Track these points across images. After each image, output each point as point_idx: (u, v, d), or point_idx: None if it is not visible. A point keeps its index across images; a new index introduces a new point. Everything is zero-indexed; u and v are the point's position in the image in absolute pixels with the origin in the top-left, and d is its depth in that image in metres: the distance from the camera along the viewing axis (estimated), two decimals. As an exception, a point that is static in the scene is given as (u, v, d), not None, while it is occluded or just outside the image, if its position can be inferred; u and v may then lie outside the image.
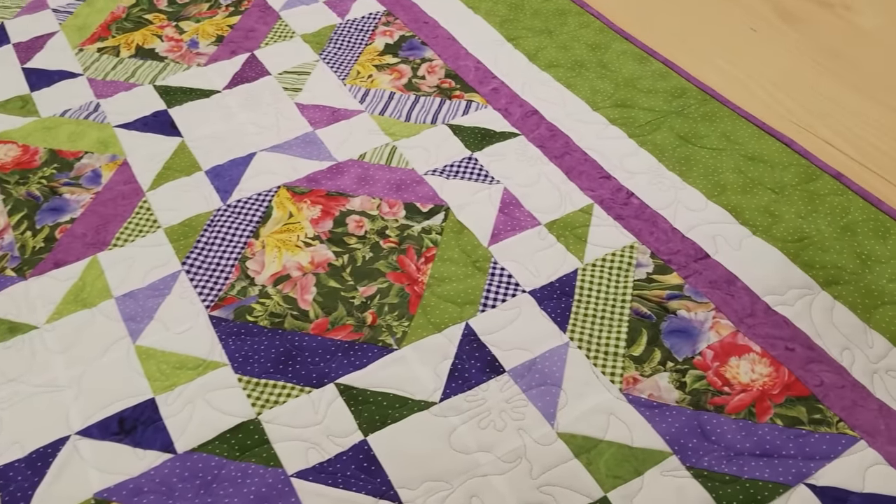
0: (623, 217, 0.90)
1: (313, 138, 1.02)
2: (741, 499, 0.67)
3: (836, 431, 0.71)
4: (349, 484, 0.69)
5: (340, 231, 0.90)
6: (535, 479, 0.69)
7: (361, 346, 0.79)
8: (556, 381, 0.76)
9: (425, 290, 0.84)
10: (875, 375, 0.75)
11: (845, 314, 0.80)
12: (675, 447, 0.70)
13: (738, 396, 0.74)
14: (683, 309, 0.81)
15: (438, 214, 0.92)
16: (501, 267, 0.86)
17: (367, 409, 0.74)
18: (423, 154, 0.99)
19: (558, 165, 0.97)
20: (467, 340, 0.79)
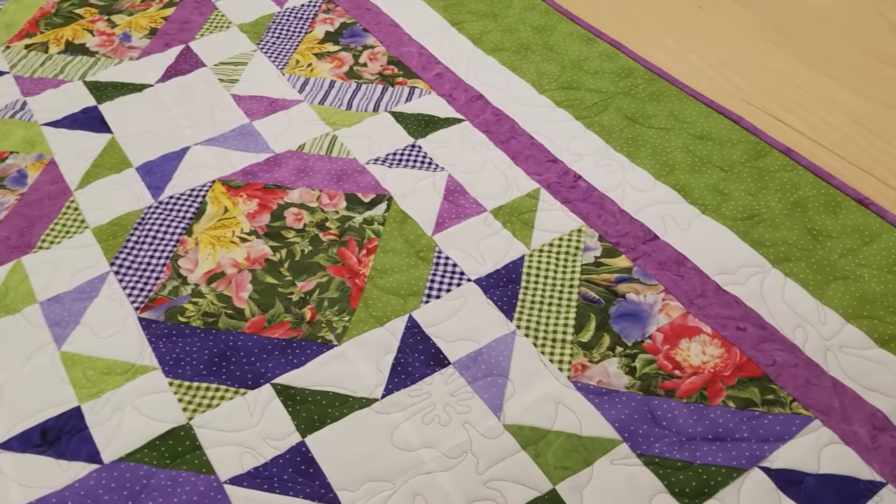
0: (570, 201, 0.88)
1: (250, 130, 0.98)
2: (694, 485, 0.65)
3: (790, 412, 0.69)
4: (286, 488, 0.66)
5: (278, 225, 0.86)
6: (482, 475, 0.66)
7: (300, 344, 0.75)
8: (503, 372, 0.73)
9: (367, 283, 0.80)
10: (828, 353, 0.73)
11: (797, 291, 0.78)
12: (625, 434, 0.68)
13: (689, 380, 0.72)
14: (632, 292, 0.79)
15: (381, 204, 0.88)
16: (446, 256, 0.83)
17: (306, 409, 0.71)
18: (364, 143, 0.95)
19: (504, 150, 0.94)
20: (411, 333, 0.76)
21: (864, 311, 0.76)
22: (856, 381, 0.71)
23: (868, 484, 0.64)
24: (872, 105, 0.97)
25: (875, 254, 0.81)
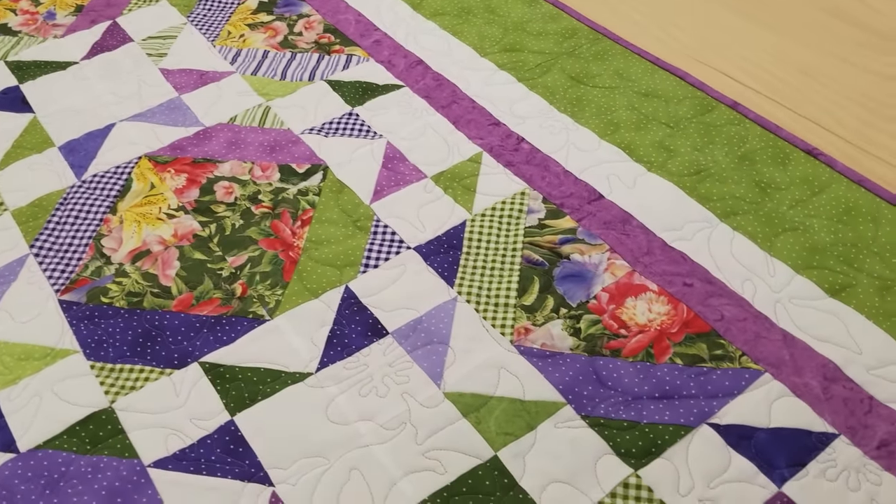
0: (513, 163, 0.85)
1: (178, 104, 0.93)
2: (640, 445, 0.62)
3: (739, 366, 0.67)
4: (213, 469, 0.62)
5: (207, 199, 0.82)
6: (420, 445, 0.63)
7: (229, 321, 0.72)
8: (444, 339, 0.70)
9: (301, 255, 0.77)
10: (778, 305, 0.71)
11: (745, 245, 0.75)
12: (570, 397, 0.65)
13: (635, 338, 0.69)
14: (577, 253, 0.76)
15: (316, 174, 0.84)
16: (384, 225, 0.79)
17: (235, 387, 0.67)
18: (299, 113, 0.91)
19: (445, 115, 0.90)
20: (347, 304, 0.73)
21: (813, 262, 0.74)
22: (806, 333, 0.68)
23: (820, 436, 0.62)
24: (820, 57, 0.95)
25: (825, 204, 0.79)
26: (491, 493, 0.60)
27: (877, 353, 0.67)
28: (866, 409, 0.63)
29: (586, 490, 0.60)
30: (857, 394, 0.64)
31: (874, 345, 0.67)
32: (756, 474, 0.60)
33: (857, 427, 0.63)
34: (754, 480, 0.60)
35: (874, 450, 0.61)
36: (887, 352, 0.67)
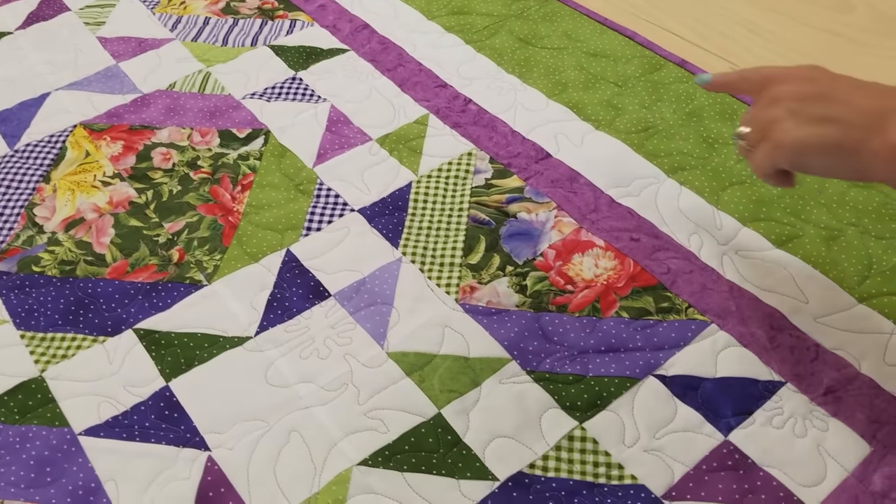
0: (460, 125, 0.83)
1: (116, 72, 0.90)
2: (585, 398, 0.61)
3: (686, 318, 0.66)
4: (147, 436, 0.60)
5: (144, 166, 0.80)
6: (362, 405, 0.61)
7: (165, 287, 0.69)
8: (387, 300, 0.68)
9: (241, 220, 0.75)
10: (724, 257, 0.70)
11: (692, 199, 0.75)
12: (515, 353, 0.64)
13: (581, 294, 0.68)
14: (524, 211, 0.75)
15: (257, 139, 0.82)
16: (328, 188, 0.77)
17: (171, 353, 0.65)
18: (241, 78, 0.89)
19: (391, 78, 0.89)
20: (288, 268, 0.71)
21: (760, 214, 0.73)
22: (753, 284, 0.68)
23: (767, 384, 0.62)
24: (766, 14, 0.94)
25: (771, 158, 0.78)
26: (434, 451, 0.59)
27: (823, 302, 0.67)
28: (813, 357, 0.63)
29: (530, 444, 0.59)
30: (803, 342, 0.64)
31: (821, 294, 0.67)
32: (702, 423, 0.60)
33: (804, 374, 0.62)
34: (700, 430, 0.59)
35: (820, 396, 0.61)
36: (833, 300, 0.67)
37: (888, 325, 0.65)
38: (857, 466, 0.57)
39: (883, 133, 0.50)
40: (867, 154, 0.51)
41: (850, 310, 0.66)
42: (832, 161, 0.53)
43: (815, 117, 0.53)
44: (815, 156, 0.54)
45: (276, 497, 0.57)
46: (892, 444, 0.58)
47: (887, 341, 0.64)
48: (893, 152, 0.50)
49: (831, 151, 0.53)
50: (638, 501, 0.56)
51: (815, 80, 0.56)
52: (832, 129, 0.52)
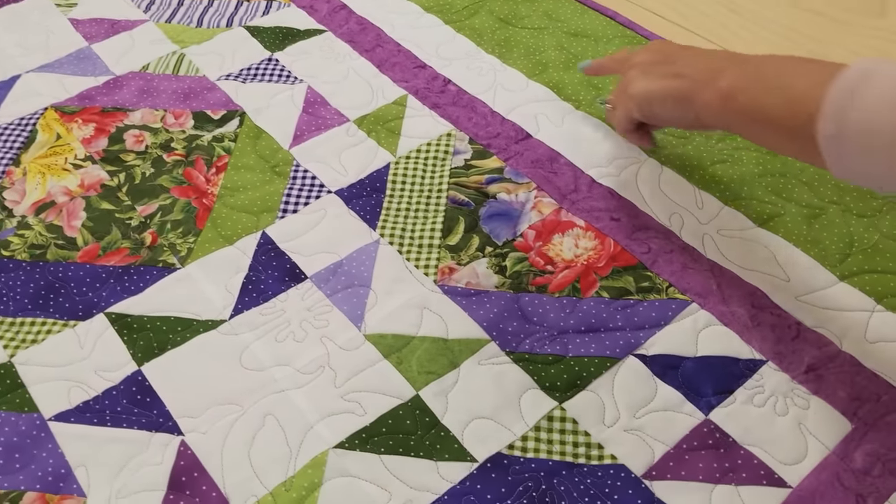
0: (440, 105, 0.82)
1: (88, 54, 0.88)
2: (565, 378, 0.60)
3: (666, 297, 0.65)
4: (119, 420, 0.59)
5: (117, 149, 0.78)
6: (339, 388, 0.60)
7: (138, 270, 0.68)
8: (365, 282, 0.67)
9: (216, 202, 0.73)
10: (706, 237, 0.69)
11: (674, 178, 0.74)
12: (494, 333, 0.63)
13: (561, 274, 0.67)
14: (503, 192, 0.74)
15: (232, 121, 0.81)
16: (304, 169, 0.76)
17: (144, 336, 0.63)
18: (216, 59, 0.87)
19: (369, 59, 0.87)
20: (264, 250, 0.69)
21: (741, 193, 0.72)
22: (734, 262, 0.67)
23: (748, 363, 0.61)
24: (749, -6, 0.94)
25: (753, 137, 0.77)
26: (412, 432, 0.58)
27: (804, 280, 0.66)
28: (794, 335, 0.63)
29: (509, 424, 0.58)
30: (784, 320, 0.63)
31: (802, 272, 0.67)
32: (682, 403, 0.59)
33: (785, 353, 0.62)
34: (680, 409, 0.59)
35: (802, 374, 0.60)
36: (815, 278, 0.66)
37: (869, 303, 0.64)
38: (838, 444, 0.57)
39: (715, 84, 0.58)
40: (702, 102, 0.59)
41: (832, 288, 0.66)
42: (675, 110, 0.62)
43: (661, 74, 0.63)
44: (661, 104, 0.63)
45: (250, 481, 0.55)
46: (873, 421, 0.58)
47: (868, 319, 0.63)
48: (723, 99, 0.57)
49: (673, 100, 0.62)
50: (618, 481, 0.55)
51: (662, 50, 0.66)
52: (674, 82, 0.61)
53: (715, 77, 0.58)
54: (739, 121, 0.57)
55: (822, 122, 0.49)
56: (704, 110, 0.59)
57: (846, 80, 0.48)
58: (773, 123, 0.53)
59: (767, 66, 0.56)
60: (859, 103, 0.47)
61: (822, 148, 0.50)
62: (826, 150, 0.50)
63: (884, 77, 0.47)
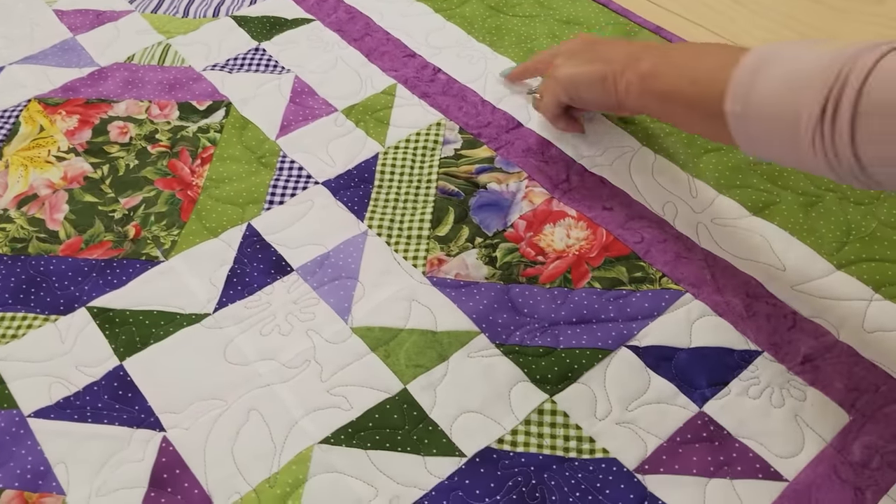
0: (429, 94, 0.81)
1: (73, 45, 0.87)
2: (556, 370, 0.59)
3: (660, 287, 0.64)
4: (100, 416, 0.57)
5: (101, 140, 0.77)
6: (325, 382, 0.59)
7: (121, 263, 0.67)
8: (352, 274, 0.66)
9: (201, 194, 0.72)
10: (699, 226, 0.68)
11: (667, 166, 0.72)
12: (483, 325, 0.62)
13: (552, 264, 0.66)
14: (494, 182, 0.72)
15: (218, 111, 0.79)
16: (291, 160, 0.75)
17: (126, 331, 0.62)
18: (202, 50, 0.86)
19: (357, 48, 0.86)
20: (249, 242, 0.68)
21: (736, 181, 0.71)
22: (729, 252, 0.66)
23: (743, 354, 0.60)
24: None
25: (748, 125, 0.76)
26: (399, 427, 0.57)
27: (800, 269, 0.65)
28: (790, 325, 0.61)
29: (499, 418, 0.57)
30: (780, 310, 0.62)
31: (798, 261, 0.65)
32: (676, 395, 0.58)
33: (781, 343, 0.60)
34: (674, 401, 0.57)
35: (798, 365, 0.59)
36: (811, 267, 0.65)
37: (867, 292, 0.63)
38: (835, 436, 0.56)
39: (635, 67, 0.61)
40: (623, 84, 0.63)
41: (828, 277, 0.64)
42: (598, 92, 0.65)
43: (585, 59, 0.67)
44: (586, 87, 0.66)
45: (233, 478, 0.54)
46: (871, 412, 0.57)
47: (866, 308, 0.62)
48: (641, 81, 0.61)
49: (596, 83, 0.65)
50: (609, 475, 0.54)
51: (587, 41, 0.70)
52: (597, 66, 0.65)
53: (635, 61, 0.62)
54: (657, 102, 0.61)
55: (729, 102, 0.52)
56: (625, 92, 0.63)
57: (749, 62, 0.51)
58: (687, 103, 0.57)
59: (683, 50, 0.60)
60: (759, 85, 0.50)
61: (730, 126, 0.53)
62: (734, 128, 0.53)
63: (782, 61, 0.50)
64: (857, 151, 0.46)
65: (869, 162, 0.46)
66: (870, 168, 0.46)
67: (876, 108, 0.44)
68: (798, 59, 0.49)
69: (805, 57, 0.49)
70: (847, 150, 0.46)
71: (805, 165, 0.50)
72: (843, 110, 0.45)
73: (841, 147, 0.46)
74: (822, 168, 0.49)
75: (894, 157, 0.45)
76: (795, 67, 0.49)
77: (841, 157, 0.47)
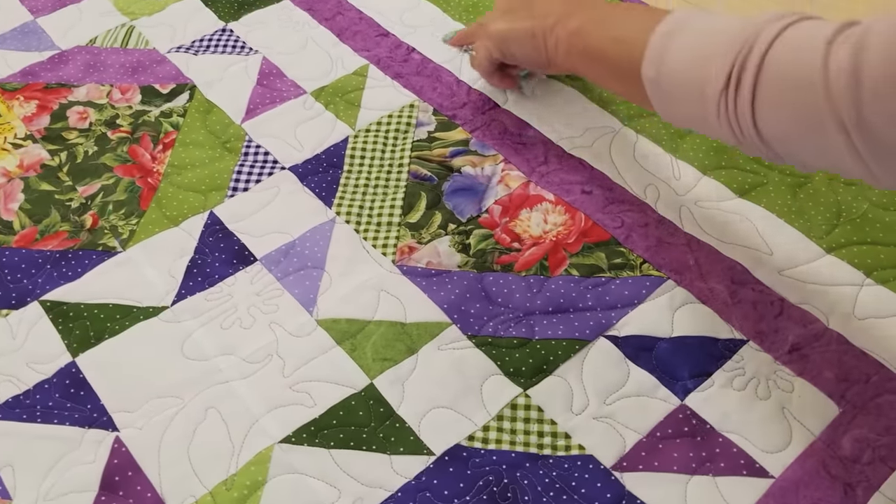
0: (402, 75, 0.77)
1: (33, 28, 0.83)
2: (531, 363, 0.56)
3: (640, 274, 0.61)
4: (49, 416, 0.54)
5: (59, 126, 0.73)
6: (288, 377, 0.56)
7: (76, 254, 0.63)
8: (319, 263, 0.63)
9: (161, 181, 0.69)
10: (683, 209, 0.65)
11: (649, 147, 0.69)
12: (455, 316, 0.59)
13: (528, 251, 0.63)
14: (469, 165, 0.69)
15: (182, 95, 0.76)
16: (257, 145, 0.71)
17: (80, 325, 0.59)
18: (167, 31, 0.82)
19: (329, 28, 0.82)
20: (211, 231, 0.65)
21: (721, 162, 0.68)
22: (713, 236, 0.63)
23: (727, 343, 0.57)
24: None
25: (735, 103, 0.73)
26: (364, 424, 0.54)
27: (788, 254, 0.62)
28: (777, 312, 0.58)
29: (470, 414, 0.54)
30: (767, 296, 0.59)
31: (786, 245, 0.62)
32: (656, 387, 0.55)
33: (767, 331, 0.57)
34: (654, 394, 0.55)
35: (785, 354, 0.56)
36: (799, 251, 0.62)
37: (858, 277, 0.60)
38: (824, 429, 0.53)
39: (565, 24, 0.61)
40: (552, 41, 0.62)
41: (818, 261, 0.61)
42: (529, 48, 0.65)
43: (518, 16, 0.66)
44: (516, 43, 0.66)
45: (188, 480, 0.51)
46: (862, 403, 0.54)
47: (857, 294, 0.59)
48: (569, 38, 0.60)
49: (526, 40, 0.64)
50: (586, 473, 0.51)
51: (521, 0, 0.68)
52: (528, 22, 0.64)
53: (566, 17, 0.61)
54: (583, 61, 0.60)
55: (646, 66, 0.52)
56: (554, 50, 0.62)
57: (664, 28, 0.51)
58: (610, 64, 0.57)
59: (612, 10, 0.59)
60: (671, 51, 0.50)
61: (647, 91, 0.52)
62: (650, 92, 0.52)
63: (693, 28, 0.50)
64: (756, 122, 0.45)
65: (767, 133, 0.45)
66: (768, 140, 0.46)
67: (774, 78, 0.44)
68: (709, 26, 0.49)
69: (716, 25, 0.48)
70: (748, 121, 0.46)
71: (715, 134, 0.50)
72: (745, 80, 0.45)
73: (743, 118, 0.46)
74: (728, 138, 0.48)
75: (789, 129, 0.44)
76: (706, 35, 0.48)
77: (743, 127, 0.46)
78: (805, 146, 0.45)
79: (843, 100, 0.40)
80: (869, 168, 0.42)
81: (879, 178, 0.42)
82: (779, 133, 0.45)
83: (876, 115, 0.39)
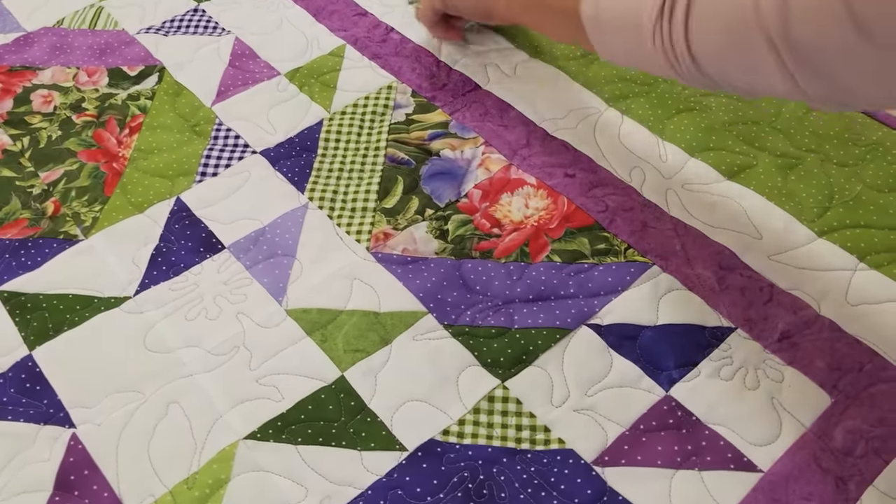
0: (380, 56, 0.74)
1: (-2, 9, 0.81)
2: (510, 353, 0.53)
3: (625, 260, 0.58)
4: (3, 413, 0.52)
5: (22, 111, 0.71)
6: (255, 370, 0.54)
7: (36, 243, 0.61)
8: (289, 251, 0.60)
9: (127, 166, 0.66)
10: (669, 192, 0.62)
11: (635, 129, 0.67)
12: (431, 305, 0.56)
13: (509, 237, 0.60)
14: (448, 148, 0.66)
15: (151, 77, 0.73)
16: (227, 128, 0.69)
17: (38, 317, 0.56)
18: (137, 12, 0.79)
19: (304, 7, 0.79)
20: (177, 218, 0.62)
21: (710, 143, 0.65)
22: (700, 220, 0.60)
23: (714, 331, 0.54)
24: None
25: (724, 83, 0.70)
26: (334, 419, 0.51)
27: (779, 238, 0.59)
28: (766, 299, 0.56)
29: (445, 407, 0.51)
30: (756, 282, 0.57)
31: (776, 228, 0.60)
32: (640, 378, 0.52)
33: (756, 319, 0.55)
34: (638, 385, 0.52)
35: (775, 342, 0.54)
36: (790, 235, 0.59)
37: (851, 261, 0.58)
38: (815, 421, 0.50)
39: None
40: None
41: (809, 245, 0.59)
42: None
43: None
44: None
45: (147, 478, 0.49)
46: (855, 393, 0.51)
47: (850, 279, 0.57)
48: None
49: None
50: (565, 468, 0.49)
51: None
52: None
53: None
54: (523, 9, 0.62)
55: (585, 4, 0.53)
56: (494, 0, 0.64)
57: None
58: (550, 9, 0.58)
59: None
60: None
61: (587, 31, 0.54)
62: (590, 32, 0.54)
63: None
64: (690, 45, 0.46)
65: (700, 54, 0.46)
66: (702, 62, 0.47)
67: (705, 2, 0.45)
68: None
69: None
70: (682, 45, 0.47)
71: (652, 66, 0.51)
72: (679, 3, 0.46)
73: (677, 43, 0.47)
74: (665, 68, 0.49)
75: (721, 49, 0.45)
76: None
77: (678, 53, 0.47)
78: (736, 64, 0.45)
79: (771, 17, 0.41)
80: (797, 83, 0.43)
81: (808, 92, 0.43)
82: (711, 53, 0.46)
83: (803, 31, 0.40)
